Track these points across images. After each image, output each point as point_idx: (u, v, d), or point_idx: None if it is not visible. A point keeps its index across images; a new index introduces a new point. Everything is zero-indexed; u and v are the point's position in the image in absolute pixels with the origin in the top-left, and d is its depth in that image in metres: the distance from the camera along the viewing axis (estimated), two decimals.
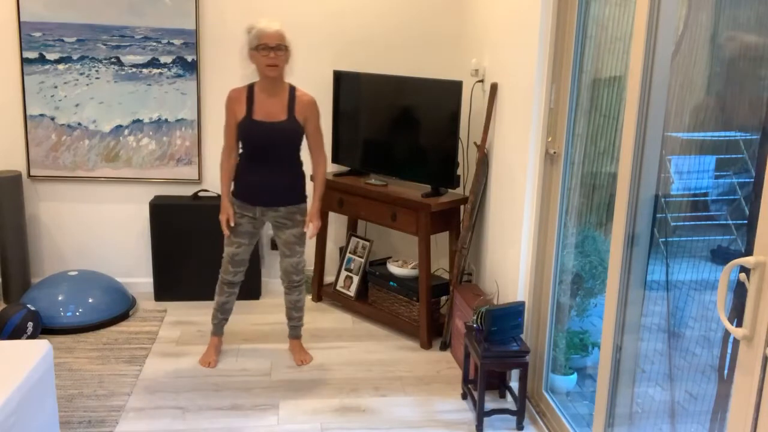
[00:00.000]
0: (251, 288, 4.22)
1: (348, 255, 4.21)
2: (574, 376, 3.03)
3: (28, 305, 3.60)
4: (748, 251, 1.73)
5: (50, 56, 3.95)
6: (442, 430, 2.93)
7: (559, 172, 2.88)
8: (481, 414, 2.92)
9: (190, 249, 4.12)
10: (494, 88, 3.46)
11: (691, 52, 2.03)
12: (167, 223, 4.06)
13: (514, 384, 3.13)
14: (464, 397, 3.20)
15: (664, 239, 2.19)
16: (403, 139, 3.81)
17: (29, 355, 2.25)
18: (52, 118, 4.03)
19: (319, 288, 4.27)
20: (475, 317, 3.00)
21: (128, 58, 4.01)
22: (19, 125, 4.05)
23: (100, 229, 4.23)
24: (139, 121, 4.10)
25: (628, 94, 2.22)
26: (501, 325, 2.92)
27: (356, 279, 4.12)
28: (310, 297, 4.31)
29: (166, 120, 4.11)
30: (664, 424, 2.23)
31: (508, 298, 3.25)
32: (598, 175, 2.69)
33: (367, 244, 4.12)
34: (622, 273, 2.31)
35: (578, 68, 2.76)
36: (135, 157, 4.13)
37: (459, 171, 3.93)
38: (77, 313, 3.72)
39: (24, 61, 3.94)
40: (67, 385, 3.15)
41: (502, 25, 3.40)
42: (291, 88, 3.18)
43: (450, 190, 3.84)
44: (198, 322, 3.91)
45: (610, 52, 2.58)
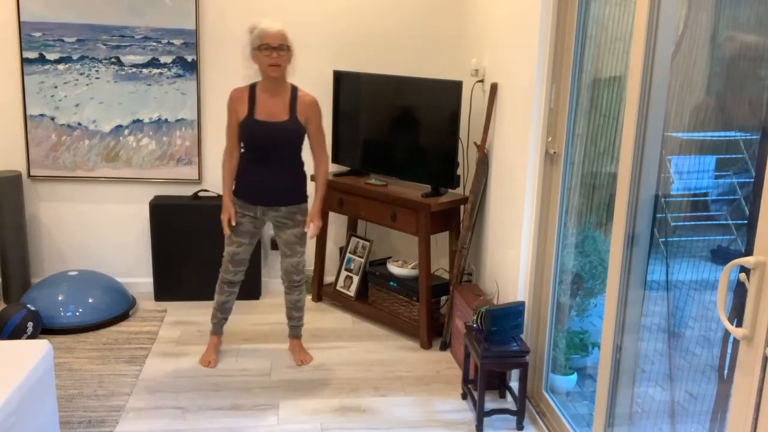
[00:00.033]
0: (251, 288, 4.22)
1: (348, 255, 4.21)
2: (574, 376, 3.03)
3: (28, 305, 3.60)
4: (748, 251, 1.73)
5: (50, 56, 3.95)
6: (442, 430, 2.93)
7: (559, 172, 2.88)
8: (481, 414, 2.92)
9: (190, 249, 4.12)
10: (494, 88, 3.46)
11: (691, 52, 2.03)
12: (167, 223, 4.06)
13: (514, 384, 3.13)
14: (464, 397, 3.20)
15: (664, 239, 2.19)
16: (403, 139, 3.81)
17: (29, 355, 2.25)
18: (52, 118, 4.03)
19: (319, 288, 4.27)
20: (475, 317, 3.00)
21: (128, 58, 4.01)
22: (19, 125, 4.05)
23: (100, 229, 4.23)
24: (139, 121, 4.10)
25: (628, 94, 2.22)
26: (501, 325, 2.92)
27: (356, 279, 4.12)
28: (310, 297, 4.31)
29: (166, 120, 4.11)
30: (664, 424, 2.23)
31: (508, 298, 3.25)
32: (598, 175, 2.69)
33: (367, 244, 4.12)
34: (622, 273, 2.31)
35: (578, 68, 2.76)
36: (135, 157, 4.13)
37: (459, 171, 3.93)
38: (77, 313, 3.72)
39: (24, 61, 3.94)
40: (67, 385, 3.15)
41: (502, 25, 3.40)
42: (293, 88, 3.18)
43: (450, 190, 3.84)
44: (198, 322, 3.91)
45: (610, 52, 2.58)
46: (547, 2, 2.83)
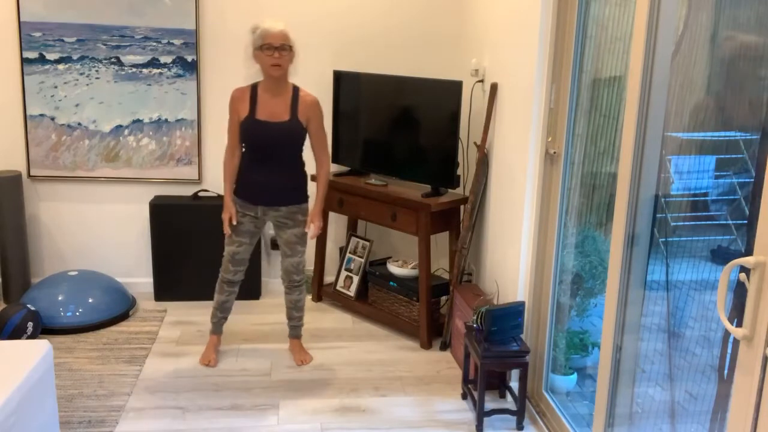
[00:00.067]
0: (251, 288, 4.22)
1: (348, 255, 4.21)
2: (574, 376, 3.03)
3: (28, 305, 3.60)
4: (748, 251, 1.73)
5: (50, 56, 3.95)
6: (442, 430, 2.93)
7: (559, 172, 2.88)
8: (481, 414, 2.92)
9: (190, 249, 4.12)
10: (494, 88, 3.46)
11: (691, 52, 2.03)
12: (167, 223, 4.06)
13: (514, 384, 3.13)
14: (464, 397, 3.20)
15: (664, 239, 2.19)
16: (403, 139, 3.81)
17: (29, 355, 2.25)
18: (52, 118, 4.03)
19: (319, 288, 4.27)
20: (475, 317, 3.00)
21: (128, 58, 4.01)
22: (19, 125, 4.05)
23: (100, 229, 4.23)
24: (139, 121, 4.10)
25: (628, 94, 2.22)
26: (501, 325, 2.92)
27: (356, 279, 4.12)
28: (310, 297, 4.31)
29: (166, 120, 4.11)
30: (664, 424, 2.23)
31: (508, 298, 3.25)
32: (598, 175, 2.69)
33: (367, 244, 4.12)
34: (622, 273, 2.31)
35: (578, 68, 2.76)
36: (135, 157, 4.13)
37: (459, 171, 3.93)
38: (77, 313, 3.72)
39: (24, 61, 3.94)
40: (67, 385, 3.15)
41: (502, 25, 3.40)
42: (294, 88, 3.18)
43: (450, 190, 3.84)
44: (198, 322, 3.91)
45: (610, 52, 2.58)
46: (547, 2, 2.83)
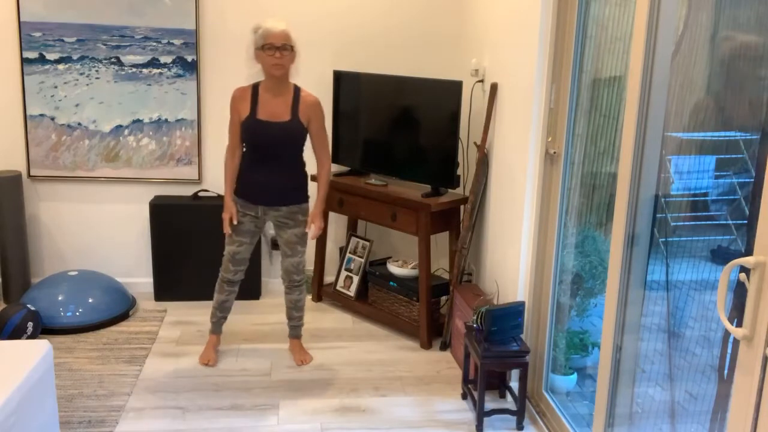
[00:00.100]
0: (251, 288, 4.22)
1: (348, 255, 4.21)
2: (574, 376, 3.03)
3: (28, 305, 3.60)
4: (748, 251, 1.73)
5: (50, 56, 3.95)
6: (442, 430, 2.93)
7: (559, 172, 2.88)
8: (481, 414, 2.92)
9: (190, 249, 4.12)
10: (494, 88, 3.46)
11: (691, 52, 2.03)
12: (167, 223, 4.06)
13: (514, 384, 3.13)
14: (464, 397, 3.20)
15: (664, 239, 2.19)
16: (403, 139, 3.81)
17: (29, 355, 2.25)
18: (52, 118, 4.03)
19: (319, 288, 4.27)
20: (475, 317, 3.00)
21: (128, 58, 4.01)
22: (19, 125, 4.05)
23: (100, 229, 4.23)
24: (139, 121, 4.10)
25: (628, 94, 2.22)
26: (501, 325, 2.92)
27: (356, 279, 4.12)
28: (310, 297, 4.31)
29: (166, 120, 4.11)
30: (664, 424, 2.23)
31: (508, 298, 3.25)
32: (598, 175, 2.69)
33: (367, 244, 4.12)
34: (622, 273, 2.31)
35: (578, 68, 2.76)
36: (135, 157, 4.13)
37: (459, 171, 3.93)
38: (77, 313, 3.72)
39: (24, 61, 3.94)
40: (67, 385, 3.15)
41: (502, 25, 3.40)
42: (296, 88, 3.19)
43: (450, 190, 3.84)
44: (198, 322, 3.91)
45: (610, 52, 2.58)
46: (547, 2, 2.83)
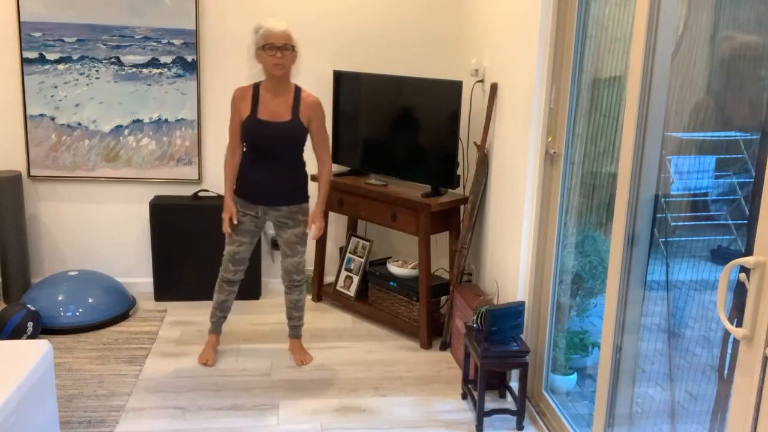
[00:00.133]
0: (251, 288, 4.22)
1: (348, 255, 4.21)
2: (574, 376, 3.03)
3: (28, 305, 3.60)
4: (748, 251, 1.73)
5: (50, 56, 3.95)
6: (442, 430, 2.93)
7: (559, 172, 2.88)
8: (481, 414, 2.92)
9: (190, 249, 4.12)
10: (494, 88, 3.46)
11: (691, 52, 2.04)
12: (167, 223, 4.06)
13: (514, 384, 3.13)
14: (464, 397, 3.20)
15: (664, 239, 2.19)
16: (403, 139, 3.81)
17: (29, 355, 2.25)
18: (52, 118, 4.03)
19: (319, 288, 4.27)
20: (475, 317, 3.00)
21: (128, 58, 4.01)
22: (19, 125, 4.05)
23: (100, 229, 4.23)
24: (139, 121, 4.10)
25: (628, 94, 2.22)
26: (501, 325, 2.92)
27: (356, 279, 4.12)
28: (310, 297, 4.31)
29: (166, 120, 4.11)
30: (664, 424, 2.23)
31: (508, 298, 3.25)
32: (598, 175, 2.69)
33: (367, 244, 4.12)
34: (622, 273, 2.31)
35: (578, 68, 2.76)
36: (135, 157, 4.13)
37: (459, 171, 3.93)
38: (77, 313, 3.72)
39: (24, 61, 3.94)
40: (67, 385, 3.15)
41: (502, 25, 3.40)
42: (296, 88, 3.19)
43: (450, 190, 3.84)
44: (198, 322, 3.91)
45: (610, 52, 2.58)
46: (547, 2, 2.83)
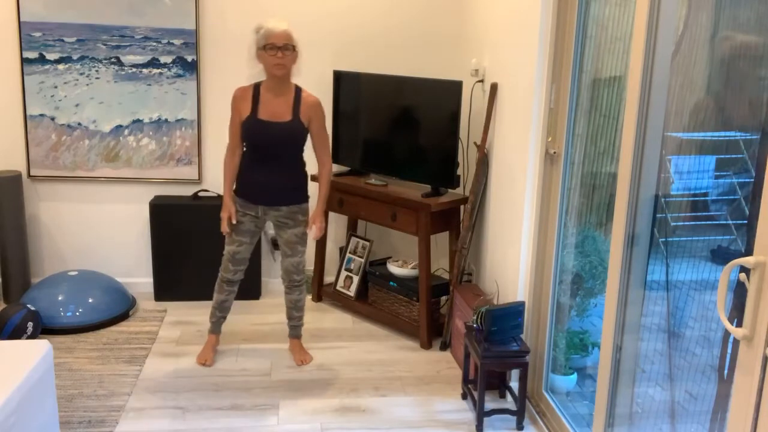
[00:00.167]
0: (251, 288, 4.22)
1: (348, 255, 4.21)
2: (574, 376, 3.03)
3: (28, 305, 3.60)
4: (748, 251, 1.73)
5: (50, 56, 3.95)
6: (442, 430, 2.93)
7: (559, 172, 2.88)
8: (481, 414, 2.92)
9: (190, 249, 4.12)
10: (494, 88, 3.46)
11: (691, 52, 2.03)
12: (167, 223, 4.06)
13: (514, 384, 3.13)
14: (464, 397, 3.20)
15: (664, 239, 2.19)
16: (403, 139, 3.81)
17: (29, 355, 2.25)
18: (52, 118, 4.03)
19: (319, 288, 4.27)
20: (475, 317, 3.00)
21: (128, 58, 4.01)
22: (19, 125, 4.05)
23: (100, 229, 4.23)
24: (139, 121, 4.10)
25: (628, 94, 2.22)
26: (501, 325, 2.92)
27: (356, 279, 4.12)
28: (310, 297, 4.31)
29: (166, 120, 4.11)
30: (664, 424, 2.23)
31: (508, 298, 3.25)
32: (598, 175, 2.69)
33: (367, 244, 4.12)
34: (622, 273, 2.31)
35: (578, 68, 2.76)
36: (135, 157, 4.13)
37: (459, 171, 3.93)
38: (77, 313, 3.72)
39: (24, 61, 3.94)
40: (67, 385, 3.15)
41: (502, 25, 3.40)
42: (297, 88, 3.19)
43: (450, 190, 3.84)
44: (198, 322, 3.90)
45: (610, 52, 2.58)
46: (547, 2, 2.83)
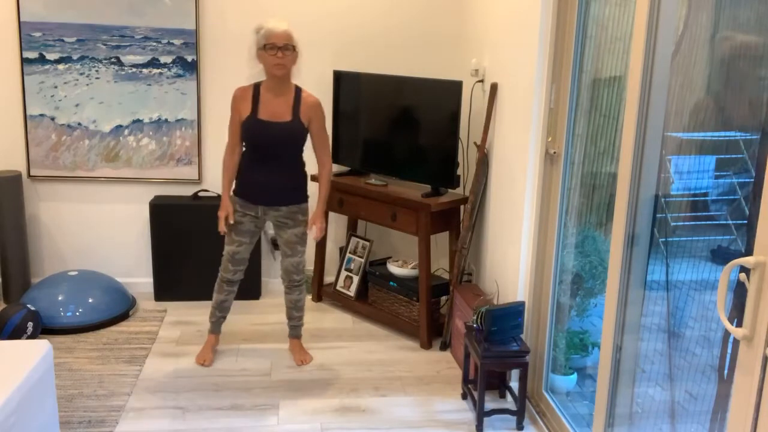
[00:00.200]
0: (251, 288, 4.22)
1: (348, 255, 4.21)
2: (574, 376, 3.03)
3: (28, 305, 3.60)
4: (748, 251, 1.73)
5: (50, 56, 3.95)
6: (442, 430, 2.93)
7: (559, 172, 2.88)
8: (481, 414, 2.92)
9: (190, 249, 4.12)
10: (494, 88, 3.46)
11: (691, 52, 2.04)
12: (167, 223, 4.06)
13: (514, 384, 3.13)
14: (464, 397, 3.20)
15: (664, 239, 2.19)
16: (403, 139, 3.81)
17: (29, 355, 2.25)
18: (52, 118, 4.03)
19: (319, 288, 4.27)
20: (475, 317, 3.00)
21: (128, 58, 4.01)
22: (19, 125, 4.05)
23: (100, 229, 4.23)
24: (139, 121, 4.10)
25: (628, 94, 2.22)
26: (501, 325, 2.92)
27: (356, 279, 4.12)
28: (310, 297, 4.31)
29: (166, 120, 4.11)
30: (664, 424, 2.23)
31: (508, 298, 3.25)
32: (598, 175, 2.69)
33: (367, 244, 4.12)
34: (622, 273, 2.31)
35: (578, 68, 2.76)
36: (135, 157, 4.13)
37: (459, 171, 3.93)
38: (77, 313, 3.72)
39: (24, 61, 3.94)
40: (67, 385, 3.15)
41: (502, 25, 3.40)
42: (297, 89, 3.19)
43: (450, 190, 3.84)
44: (198, 322, 3.91)
45: (610, 52, 2.58)
46: (547, 2, 2.83)
